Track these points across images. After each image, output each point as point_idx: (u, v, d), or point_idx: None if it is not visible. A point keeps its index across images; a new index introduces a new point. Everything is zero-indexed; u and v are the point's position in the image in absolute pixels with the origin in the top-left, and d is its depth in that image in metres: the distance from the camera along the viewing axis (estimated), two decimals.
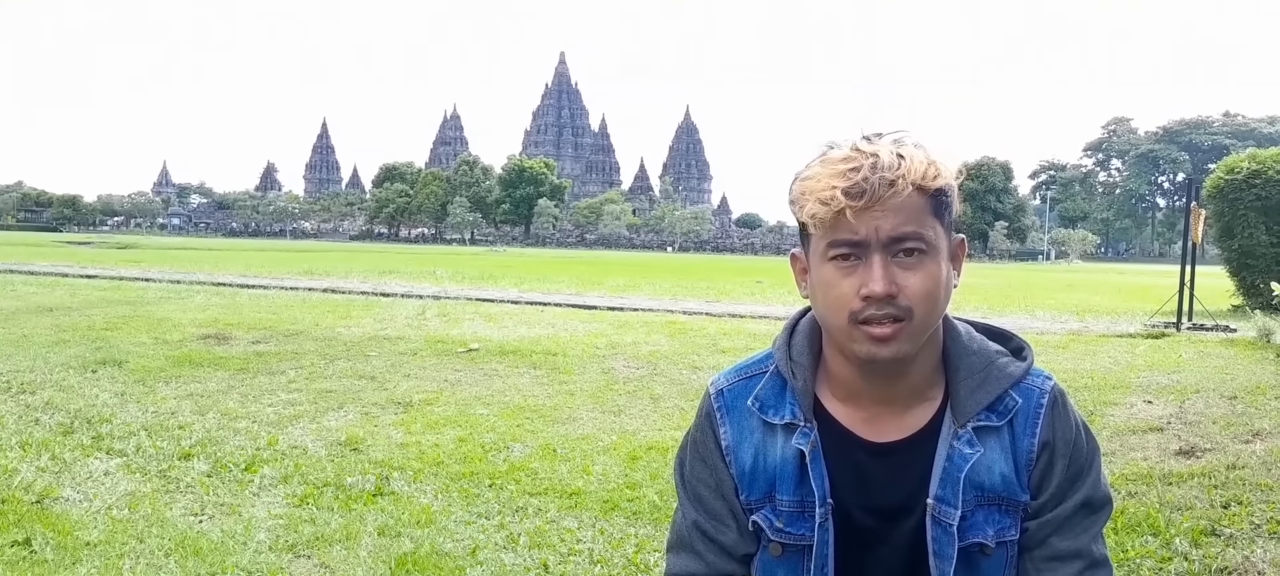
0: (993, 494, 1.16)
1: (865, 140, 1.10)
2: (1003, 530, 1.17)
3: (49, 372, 6.79)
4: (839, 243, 1.08)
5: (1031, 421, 1.16)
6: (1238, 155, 14.05)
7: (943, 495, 1.16)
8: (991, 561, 1.18)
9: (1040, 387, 1.18)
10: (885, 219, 1.06)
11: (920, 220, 1.08)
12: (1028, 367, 1.19)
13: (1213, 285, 13.85)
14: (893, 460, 1.19)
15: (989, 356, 1.19)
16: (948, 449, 1.16)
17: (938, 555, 1.17)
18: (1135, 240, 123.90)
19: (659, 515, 3.85)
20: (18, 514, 3.61)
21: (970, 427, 1.16)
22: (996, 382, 1.17)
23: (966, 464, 1.15)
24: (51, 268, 20.32)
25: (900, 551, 1.20)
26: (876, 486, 1.19)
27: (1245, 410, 5.80)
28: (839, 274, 1.10)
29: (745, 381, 1.27)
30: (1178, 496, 4.01)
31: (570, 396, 6.39)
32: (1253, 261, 13.14)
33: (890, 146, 1.08)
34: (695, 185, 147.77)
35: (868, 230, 1.06)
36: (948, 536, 1.16)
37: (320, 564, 3.25)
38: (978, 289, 21.95)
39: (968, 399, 1.16)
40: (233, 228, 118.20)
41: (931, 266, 1.09)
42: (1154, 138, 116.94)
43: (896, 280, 1.08)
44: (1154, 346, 9.32)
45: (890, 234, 1.06)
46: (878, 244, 1.07)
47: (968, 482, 1.15)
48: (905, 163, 1.06)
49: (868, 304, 1.08)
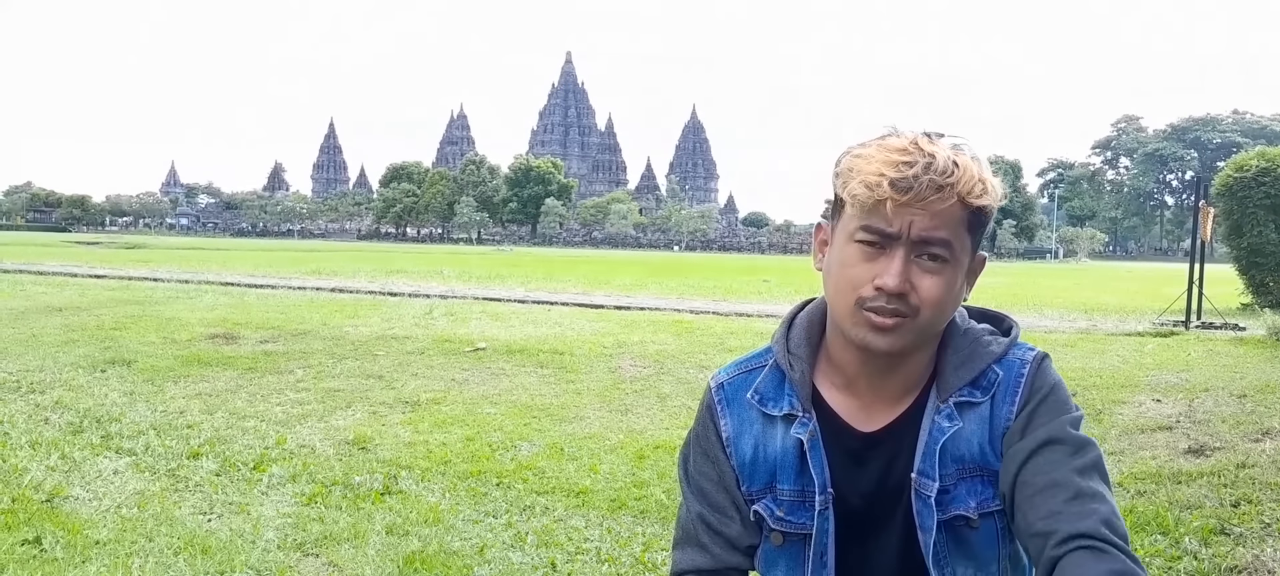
0: (972, 465, 1.17)
1: (926, 138, 1.10)
2: (985, 501, 1.17)
3: (58, 372, 6.82)
4: (871, 228, 1.09)
5: (1011, 391, 1.17)
6: (1247, 153, 13.98)
7: (923, 468, 1.17)
8: (980, 535, 1.18)
9: (1021, 359, 1.18)
10: (921, 218, 1.07)
11: (954, 229, 1.09)
12: (1011, 343, 1.20)
13: (1222, 283, 13.79)
14: (884, 445, 1.20)
15: (975, 335, 1.20)
16: (929, 423, 1.18)
17: (922, 528, 1.17)
18: (1144, 238, 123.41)
19: (666, 513, 3.85)
20: (28, 512, 3.63)
21: (951, 403, 1.17)
22: (980, 359, 1.18)
23: (944, 436, 1.16)
24: (60, 268, 20.41)
25: (898, 538, 1.21)
26: (870, 473, 1.21)
27: (1255, 409, 5.77)
28: (861, 256, 1.11)
29: (745, 375, 1.29)
30: (1187, 495, 3.99)
31: (577, 395, 6.39)
32: (1262, 259, 13.08)
33: (948, 151, 1.08)
34: (702, 184, 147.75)
35: (902, 224, 1.07)
36: (928, 508, 1.16)
37: (328, 562, 3.26)
38: (986, 288, 21.81)
39: (951, 375, 1.17)
40: (240, 227, 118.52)
41: (949, 275, 1.10)
42: (1163, 136, 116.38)
43: (912, 279, 1.09)
44: (1163, 345, 9.29)
45: (922, 234, 1.07)
46: (906, 240, 1.08)
47: (947, 455, 1.16)
48: (959, 171, 1.07)
49: (879, 294, 1.09)
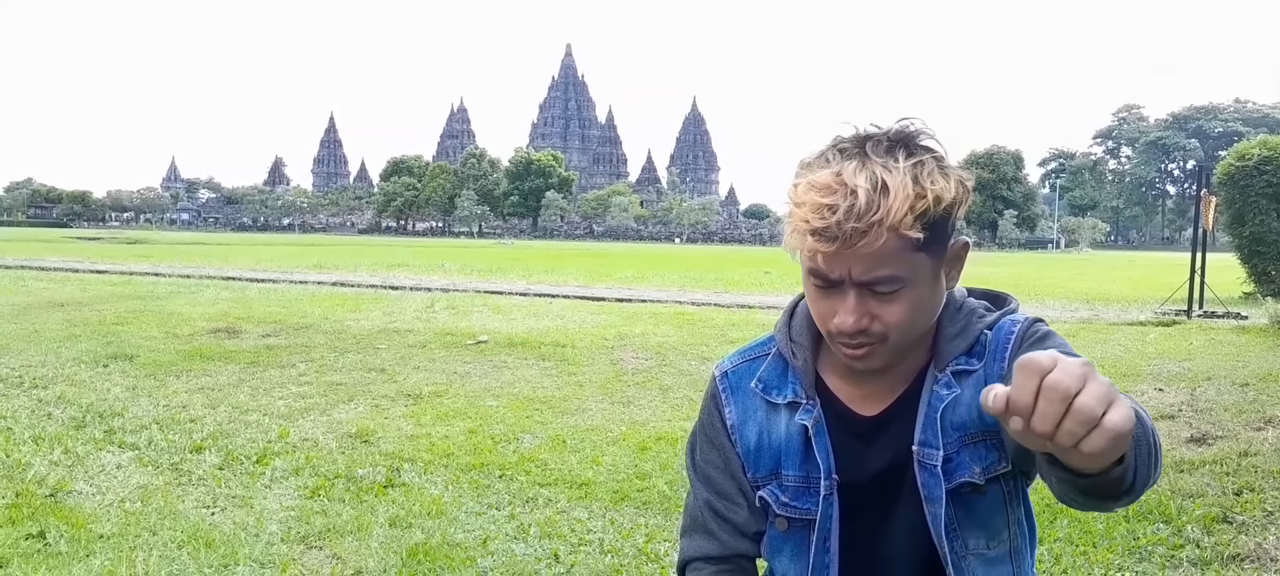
0: (975, 430, 1.16)
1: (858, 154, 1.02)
2: (991, 465, 1.15)
3: (61, 367, 6.83)
4: (816, 274, 1.06)
5: (1003, 348, 1.16)
6: (1249, 142, 13.92)
7: (925, 438, 1.16)
8: (987, 501, 1.17)
9: (1012, 319, 1.17)
10: (857, 264, 1.02)
11: (897, 261, 1.02)
12: (1005, 311, 1.19)
13: (1224, 272, 13.78)
14: (888, 427, 1.20)
15: (971, 308, 1.19)
16: (928, 394, 1.17)
17: (929, 500, 1.16)
18: (1145, 228, 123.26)
19: (669, 505, 3.85)
20: (32, 507, 3.63)
21: (949, 371, 1.16)
22: (974, 329, 1.17)
23: (942, 404, 1.15)
24: (62, 263, 20.43)
25: (905, 518, 1.21)
26: (876, 456, 1.20)
27: (1257, 397, 5.77)
28: (817, 293, 1.10)
29: (748, 364, 1.29)
30: (1190, 484, 3.99)
31: (579, 388, 6.40)
32: (1264, 248, 13.05)
33: (877, 172, 1.00)
34: (702, 176, 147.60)
35: (841, 271, 1.04)
36: (935, 479, 1.15)
37: (332, 554, 3.27)
38: (988, 278, 21.85)
39: (946, 347, 1.16)
40: (241, 222, 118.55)
41: (911, 295, 1.06)
42: (1164, 125, 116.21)
43: (871, 310, 1.06)
44: (1165, 334, 9.28)
45: (861, 278, 1.04)
46: (851, 282, 1.05)
47: (948, 423, 1.15)
48: (887, 202, 0.98)
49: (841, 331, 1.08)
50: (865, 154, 1.02)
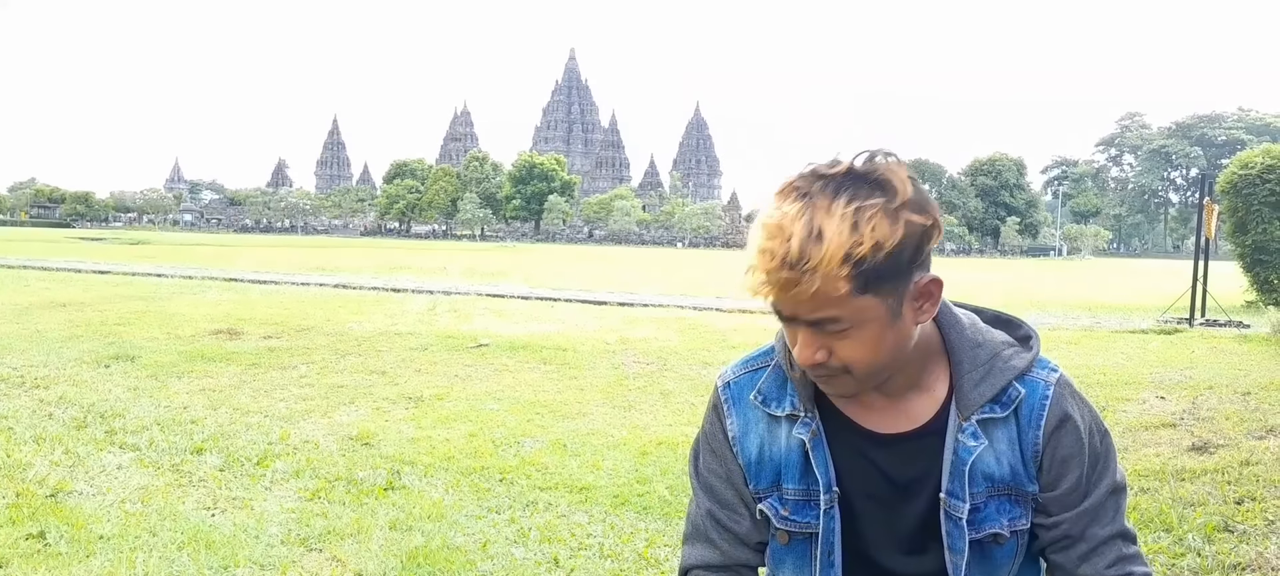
0: (1003, 485, 1.16)
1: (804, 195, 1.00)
2: (1016, 519, 1.18)
3: (62, 367, 6.84)
4: (773, 306, 1.07)
5: (1037, 414, 1.15)
6: (1252, 150, 13.92)
7: (952, 488, 1.15)
8: (1004, 550, 1.19)
9: (1045, 380, 1.17)
10: (800, 306, 1.03)
11: (837, 305, 1.01)
12: (1033, 358, 1.18)
13: (1226, 281, 13.76)
14: (898, 450, 1.19)
15: (994, 348, 1.17)
16: (954, 442, 1.16)
17: (952, 549, 1.17)
18: (1148, 236, 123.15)
19: (669, 510, 3.85)
20: (32, 508, 3.63)
21: (975, 420, 1.15)
22: (1001, 375, 1.15)
23: (971, 455, 1.15)
24: (65, 263, 20.45)
25: (905, 540, 1.21)
26: (880, 475, 1.20)
27: (1259, 406, 5.76)
28: (782, 323, 1.11)
29: (750, 374, 1.28)
30: (1191, 492, 3.98)
31: (580, 392, 6.39)
32: (1266, 257, 13.04)
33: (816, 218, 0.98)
34: (705, 181, 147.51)
35: (789, 310, 1.05)
36: (959, 530, 1.16)
37: (332, 557, 3.26)
38: (989, 285, 21.89)
39: (971, 392, 1.15)
40: (244, 224, 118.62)
41: (863, 333, 1.05)
42: (1167, 133, 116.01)
43: (826, 345, 1.07)
44: (1167, 342, 9.27)
45: (806, 317, 1.05)
46: (801, 320, 1.06)
47: (978, 474, 1.15)
48: (819, 251, 0.97)
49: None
50: (811, 195, 1.01)
